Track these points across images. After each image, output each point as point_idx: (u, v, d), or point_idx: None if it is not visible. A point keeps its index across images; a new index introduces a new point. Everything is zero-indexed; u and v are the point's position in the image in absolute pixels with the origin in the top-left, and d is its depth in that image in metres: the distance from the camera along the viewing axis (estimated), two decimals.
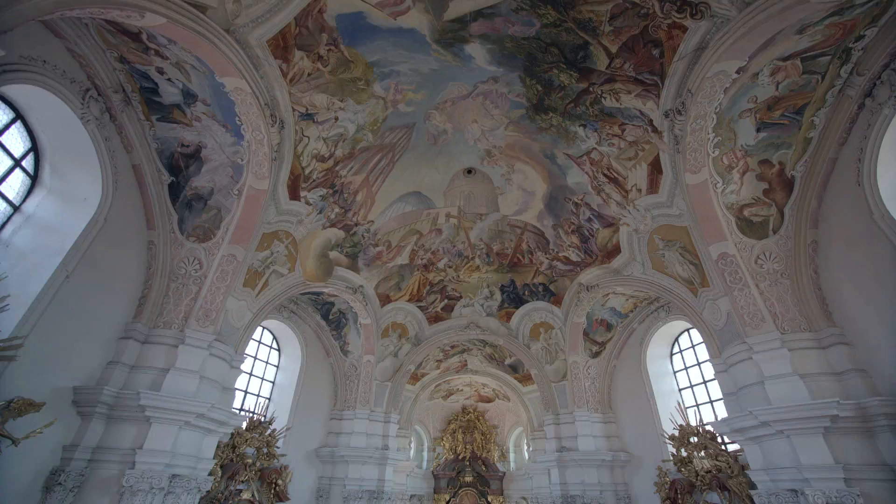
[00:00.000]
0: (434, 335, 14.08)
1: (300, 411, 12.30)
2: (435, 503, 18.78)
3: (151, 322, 7.84)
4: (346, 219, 10.51)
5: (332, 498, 11.81)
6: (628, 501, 11.51)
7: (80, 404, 6.71)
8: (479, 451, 19.64)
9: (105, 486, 6.49)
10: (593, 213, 10.26)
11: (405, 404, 15.26)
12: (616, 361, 13.14)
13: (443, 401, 20.01)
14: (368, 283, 12.38)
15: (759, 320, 7.59)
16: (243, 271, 8.81)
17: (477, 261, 12.77)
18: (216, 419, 7.82)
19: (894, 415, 6.12)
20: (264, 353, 12.74)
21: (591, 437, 12.14)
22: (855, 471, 6.09)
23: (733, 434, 7.67)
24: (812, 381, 6.84)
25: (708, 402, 10.97)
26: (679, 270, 9.21)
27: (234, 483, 9.49)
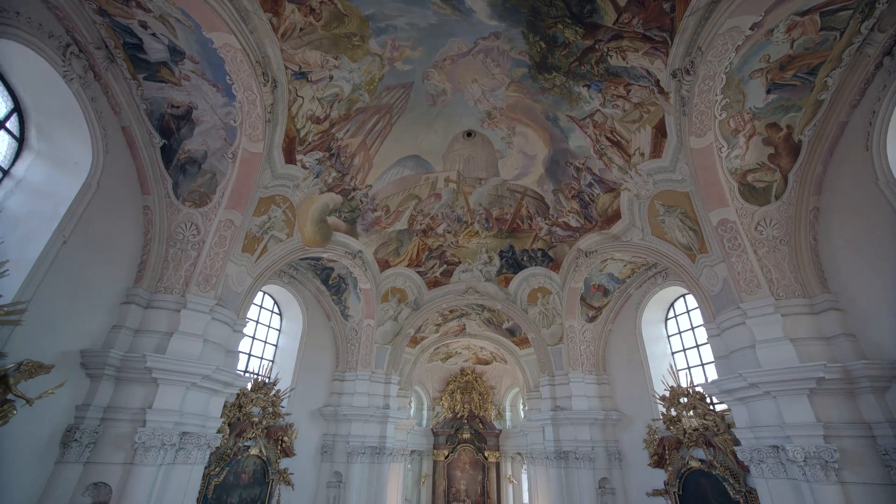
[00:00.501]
0: (433, 300, 14.26)
1: (303, 373, 12.66)
2: (434, 458, 19.77)
3: (152, 287, 7.90)
4: (343, 183, 10.36)
5: (336, 453, 12.39)
6: (618, 456, 12.11)
7: (89, 367, 6.89)
8: (476, 410, 20.45)
9: (119, 443, 6.80)
10: (594, 178, 10.10)
11: (405, 366, 15.70)
12: (611, 325, 13.40)
13: (442, 363, 20.60)
14: (367, 249, 12.38)
15: (754, 286, 7.66)
16: (241, 236, 8.79)
17: (476, 226, 12.72)
18: (222, 380, 8.06)
19: (877, 377, 6.34)
20: (266, 317, 12.94)
21: (584, 398, 12.59)
22: (834, 428, 6.38)
23: (722, 395, 7.95)
24: (802, 345, 7.01)
25: (699, 365, 11.29)
26: (678, 236, 9.19)
27: (242, 440, 9.94)
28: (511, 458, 19.78)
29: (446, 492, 19.11)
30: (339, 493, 11.91)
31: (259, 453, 10.39)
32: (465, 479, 19.41)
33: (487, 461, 19.46)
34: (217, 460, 9.26)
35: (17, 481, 5.87)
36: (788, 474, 6.73)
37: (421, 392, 21.37)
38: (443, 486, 19.16)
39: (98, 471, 6.59)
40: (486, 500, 18.81)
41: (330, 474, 12.16)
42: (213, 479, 9.18)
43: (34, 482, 6.10)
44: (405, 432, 16.94)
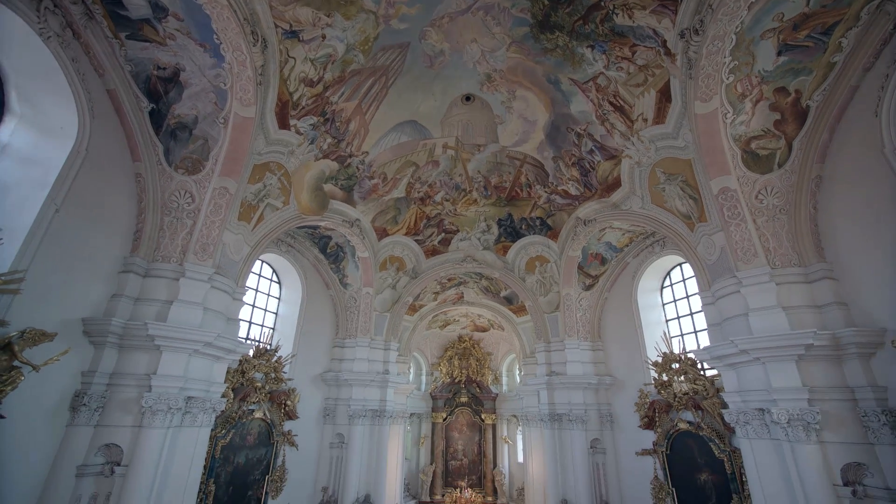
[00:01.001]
0: (431, 268, 14.33)
1: (304, 340, 12.89)
2: (433, 420, 20.53)
3: (149, 256, 7.88)
4: (339, 150, 10.13)
5: (337, 416, 12.82)
6: (610, 419, 12.58)
7: (91, 335, 6.97)
8: (473, 375, 21.05)
9: (126, 407, 7.00)
10: (595, 145, 9.90)
11: (404, 333, 15.98)
12: (608, 294, 13.55)
13: (440, 330, 20.98)
14: (365, 217, 12.29)
15: (751, 255, 7.68)
16: (237, 205, 8.68)
17: (474, 194, 12.59)
18: (223, 347, 8.20)
19: (864, 343, 6.50)
20: (265, 285, 13.01)
21: (579, 363, 12.91)
22: (819, 392, 6.61)
23: (713, 361, 8.15)
24: (794, 313, 7.12)
25: (692, 332, 11.52)
26: (678, 205, 9.13)
27: (247, 404, 10.24)
28: (507, 421, 20.55)
29: (444, 451, 19.98)
30: (342, 454, 12.42)
31: (263, 416, 10.74)
32: (462, 440, 20.25)
33: (484, 423, 20.22)
34: (223, 423, 9.58)
35: (33, 442, 6.12)
36: (772, 435, 7.02)
37: (420, 358, 21.89)
38: (441, 446, 20.00)
39: (108, 433, 6.83)
40: (483, 459, 19.71)
41: (332, 436, 12.63)
42: (220, 440, 9.52)
43: (48, 443, 6.34)
44: (405, 396, 17.48)
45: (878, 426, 6.23)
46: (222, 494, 9.52)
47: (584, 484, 11.76)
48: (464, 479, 19.36)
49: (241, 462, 10.13)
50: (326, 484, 12.09)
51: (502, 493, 19.01)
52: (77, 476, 6.46)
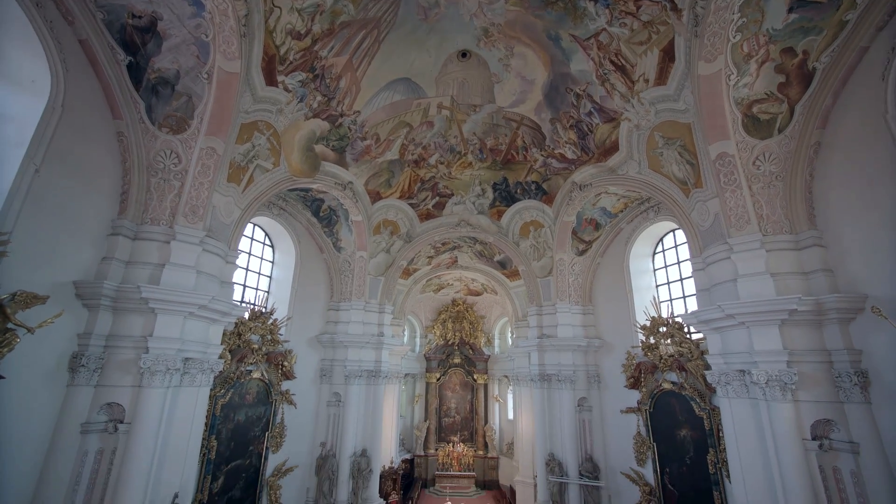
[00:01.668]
0: (425, 232, 14.28)
1: (299, 303, 12.99)
2: (427, 380, 21.24)
3: (138, 218, 7.72)
4: (329, 108, 9.76)
5: (334, 376, 13.17)
6: (597, 379, 13.06)
7: (84, 297, 6.95)
8: (467, 337, 21.59)
9: (125, 368, 7.11)
10: (594, 107, 9.63)
11: (398, 297, 16.16)
12: (600, 259, 13.68)
13: (434, 294, 21.25)
14: (358, 180, 12.07)
15: (744, 222, 7.71)
16: (226, 166, 8.44)
17: (469, 157, 12.34)
18: (219, 310, 8.24)
19: (846, 309, 6.70)
20: (258, 249, 12.93)
21: (569, 326, 13.23)
22: (797, 355, 6.87)
23: (700, 325, 8.37)
24: (781, 279, 7.26)
25: (681, 297, 11.76)
26: (675, 170, 9.04)
27: (244, 365, 10.45)
28: (498, 381, 21.32)
29: (438, 409, 20.83)
30: (339, 411, 12.87)
31: (261, 377, 11.01)
32: (455, 399, 21.06)
33: (476, 383, 20.98)
34: (221, 383, 9.81)
35: (35, 401, 6.26)
36: (750, 394, 7.35)
37: (414, 321, 22.30)
38: (435, 404, 20.82)
39: (109, 392, 6.98)
40: (475, 417, 20.61)
41: (329, 395, 13.03)
42: (220, 399, 9.79)
43: (50, 403, 6.49)
44: (399, 357, 17.95)
45: (849, 386, 6.55)
46: (224, 449, 9.92)
47: (571, 439, 12.39)
48: (456, 435, 20.32)
49: (241, 419, 10.47)
50: (325, 439, 12.61)
51: (493, 448, 20.04)
52: (82, 433, 6.67)
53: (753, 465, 7.14)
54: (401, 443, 19.57)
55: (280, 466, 11.41)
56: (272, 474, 11.20)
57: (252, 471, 10.69)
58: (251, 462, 10.70)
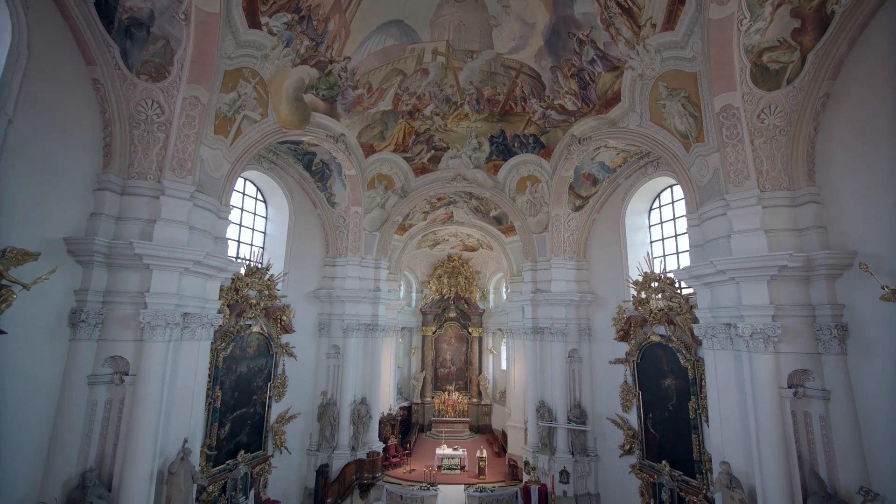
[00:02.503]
0: (420, 187, 14.06)
1: (294, 259, 13.01)
2: (423, 333, 21.85)
3: (124, 173, 7.49)
4: (318, 54, 9.21)
5: (332, 329, 13.48)
6: (588, 332, 13.49)
7: (76, 254, 6.89)
8: (462, 292, 21.98)
9: (125, 322, 7.21)
10: (597, 54, 9.15)
11: (394, 252, 16.21)
12: (596, 215, 13.65)
13: (429, 249, 21.33)
14: (350, 132, 11.66)
15: (743, 178, 7.63)
16: (211, 116, 8.09)
17: (466, 108, 11.88)
18: (214, 266, 8.23)
19: (834, 265, 6.82)
20: (250, 204, 12.73)
21: (563, 281, 13.45)
22: (783, 309, 7.07)
23: (691, 280, 8.52)
24: (774, 235, 7.31)
25: (674, 253, 11.87)
26: (677, 123, 8.78)
27: (243, 319, 10.62)
28: (492, 334, 21.99)
29: (434, 361, 21.64)
30: (338, 363, 13.32)
31: (261, 330, 11.24)
32: (450, 351, 21.82)
33: (471, 336, 21.65)
34: (222, 337, 10.02)
35: (40, 355, 6.40)
36: (734, 346, 7.64)
37: (410, 276, 22.55)
38: (431, 356, 21.59)
39: (111, 347, 7.13)
40: (469, 367, 21.48)
41: (329, 347, 13.41)
42: (221, 352, 10.05)
43: (54, 356, 6.64)
44: (396, 311, 18.33)
45: (828, 338, 6.82)
46: (229, 399, 10.33)
47: (561, 388, 13.00)
48: (451, 384, 21.26)
49: (243, 371, 10.83)
50: (325, 389, 13.14)
51: (486, 396, 21.06)
52: (89, 384, 6.88)
53: (731, 410, 7.57)
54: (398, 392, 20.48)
55: (283, 414, 11.98)
56: (276, 421, 11.77)
57: (257, 418, 11.22)
58: (255, 410, 11.20)
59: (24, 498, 6.12)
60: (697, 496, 9.44)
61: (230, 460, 10.21)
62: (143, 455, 6.84)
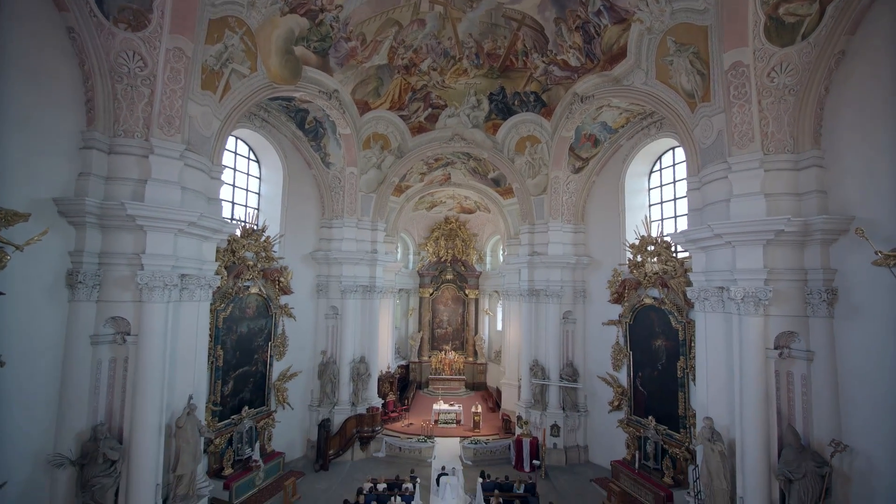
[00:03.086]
0: (417, 147, 13.71)
1: (290, 220, 12.90)
2: (420, 295, 22.13)
3: (109, 130, 7.21)
4: (308, 2, 8.65)
5: (330, 291, 13.61)
6: (583, 294, 13.69)
7: (68, 215, 6.78)
8: (459, 255, 22.05)
9: (123, 284, 7.21)
10: (604, 4, 8.64)
11: (391, 214, 16.08)
12: (596, 177, 13.46)
13: (427, 211, 21.15)
14: (344, 88, 11.19)
15: (747, 140, 7.46)
16: (197, 70, 7.70)
17: (465, 62, 11.36)
18: (209, 227, 8.15)
19: (830, 230, 6.83)
20: (243, 164, 12.43)
21: (560, 244, 13.49)
22: (776, 273, 7.14)
23: (687, 244, 8.54)
24: (773, 199, 7.26)
25: (672, 217, 11.83)
26: (683, 82, 8.47)
27: (241, 280, 10.67)
28: (489, 295, 22.31)
29: (431, 321, 22.06)
30: (337, 323, 13.55)
31: (259, 292, 11.33)
32: (447, 312, 22.21)
33: (468, 297, 21.96)
34: (221, 298, 10.11)
35: (40, 316, 6.47)
36: (725, 309, 7.79)
37: (407, 238, 22.51)
38: (428, 317, 21.99)
39: (111, 307, 7.18)
40: (465, 328, 21.95)
41: (327, 308, 13.59)
42: (221, 313, 10.18)
43: (55, 317, 6.69)
44: (393, 273, 18.45)
45: (817, 302, 6.95)
46: (231, 358, 10.59)
47: (554, 348, 13.37)
48: (448, 344, 21.81)
49: (243, 331, 11.02)
50: (325, 348, 13.46)
51: (482, 355, 21.69)
52: (92, 344, 6.99)
53: (718, 369, 7.84)
54: (396, 351, 21.03)
55: (285, 372, 12.33)
56: (278, 379, 12.14)
57: (259, 376, 11.56)
58: (257, 368, 11.51)
59: (41, 449, 6.40)
60: (680, 448, 9.99)
61: (235, 415, 10.62)
62: (150, 410, 7.08)
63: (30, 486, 6.22)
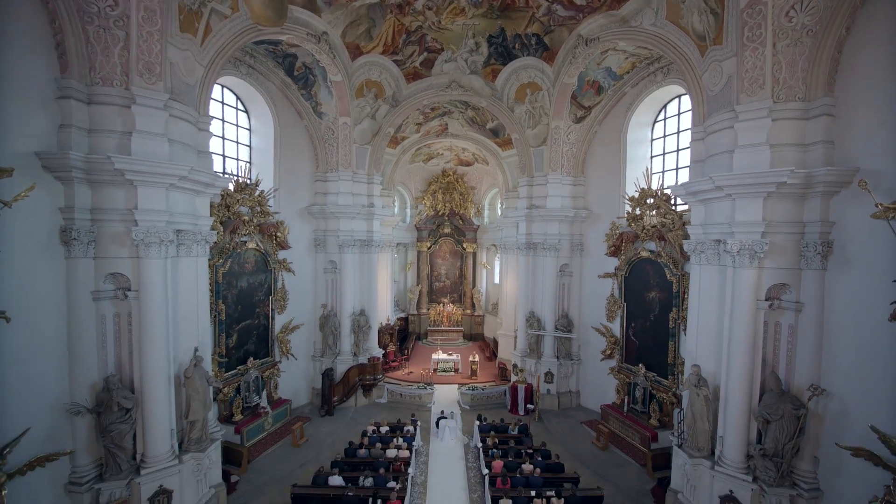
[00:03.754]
0: (413, 95, 13.13)
1: (284, 174, 12.61)
2: (418, 249, 22.21)
3: (86, 78, 6.81)
4: None
5: (328, 245, 13.61)
6: (580, 247, 13.76)
7: (52, 169, 6.56)
8: (457, 208, 21.89)
9: (119, 240, 7.15)
10: None
11: (387, 167, 15.72)
12: (598, 127, 13.05)
13: (423, 164, 20.70)
14: (333, 29, 10.49)
15: (757, 86, 7.14)
16: (174, 10, 7.17)
17: (462, 0, 10.57)
18: (200, 181, 7.95)
19: (833, 182, 6.72)
20: (232, 115, 11.92)
21: (559, 197, 13.35)
22: (773, 226, 7.13)
23: (687, 196, 8.44)
24: (778, 150, 7.08)
25: (673, 169, 11.61)
26: (695, 22, 7.96)
27: (238, 236, 10.61)
28: (486, 249, 22.42)
29: (429, 275, 22.33)
30: (336, 277, 13.69)
31: (256, 247, 11.32)
32: (445, 266, 22.42)
33: (465, 251, 22.07)
34: (219, 253, 10.11)
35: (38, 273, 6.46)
36: (721, 261, 7.85)
37: (404, 192, 22.21)
38: (426, 270, 22.22)
39: (109, 264, 7.16)
40: (463, 281, 22.27)
41: (325, 262, 13.66)
42: (220, 268, 10.22)
43: (53, 274, 6.69)
44: (391, 227, 18.39)
45: (812, 255, 7.00)
46: (233, 311, 10.78)
47: (550, 300, 13.65)
48: (446, 297, 22.24)
49: (244, 286, 11.13)
50: (325, 301, 13.70)
51: (479, 307, 22.18)
52: (94, 300, 7.05)
53: (709, 320, 8.05)
54: (395, 304, 21.45)
55: (287, 325, 12.63)
56: (280, 331, 12.46)
57: (262, 329, 11.84)
58: (260, 322, 11.77)
59: (57, 399, 6.66)
60: (667, 393, 10.52)
61: (241, 366, 11.01)
62: (158, 362, 7.30)
63: (53, 431, 6.57)
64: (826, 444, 6.76)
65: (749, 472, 7.15)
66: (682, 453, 8.06)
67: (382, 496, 8.08)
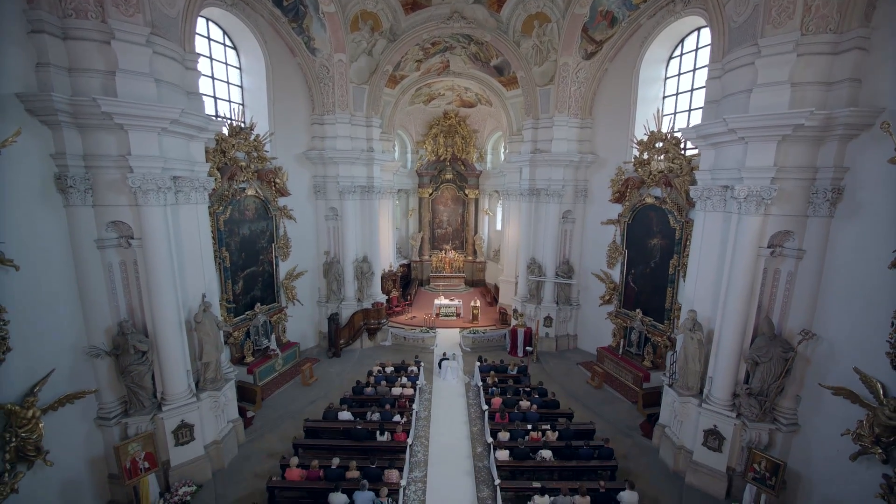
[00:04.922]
0: (412, 28, 12.25)
1: (279, 117, 12.13)
2: (420, 195, 21.92)
3: (57, 10, 6.29)
4: None
5: (328, 192, 13.43)
6: (584, 194, 13.54)
7: (36, 113, 6.27)
8: (459, 153, 21.28)
9: (116, 188, 7.03)
10: None
11: (386, 108, 15.07)
12: (609, 65, 12.28)
13: (424, 105, 19.81)
14: None
15: (786, 17, 6.59)
16: None
17: None
18: (193, 125, 7.67)
19: (854, 125, 6.38)
20: (220, 53, 11.21)
21: (564, 141, 12.91)
22: (784, 171, 6.91)
23: (698, 140, 8.12)
24: (799, 90, 6.70)
25: (686, 110, 11.07)
26: None
27: (236, 182, 10.43)
28: (489, 195, 22.12)
29: (431, 222, 22.25)
30: (338, 224, 13.66)
31: (256, 193, 11.17)
32: (447, 212, 22.26)
33: (467, 197, 21.79)
34: (218, 201, 10.00)
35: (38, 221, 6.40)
36: (726, 208, 7.73)
37: (404, 136, 21.50)
38: (428, 217, 22.10)
39: (109, 212, 7.10)
40: (465, 228, 22.23)
41: (326, 209, 13.56)
42: (220, 216, 10.17)
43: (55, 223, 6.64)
44: (391, 173, 18.03)
45: (820, 201, 6.84)
46: (237, 259, 10.89)
47: (552, 247, 13.70)
48: (448, 244, 22.33)
49: (245, 233, 11.15)
50: (328, 248, 13.80)
51: (481, 254, 22.34)
52: (98, 248, 7.08)
53: (709, 266, 8.09)
54: (398, 250, 21.62)
55: (291, 272, 12.82)
56: (285, 278, 12.68)
57: (266, 276, 12.04)
58: (264, 269, 11.94)
59: (75, 343, 6.93)
60: (662, 337, 10.87)
61: (249, 311, 11.34)
62: (167, 308, 7.49)
63: (76, 371, 6.90)
64: (810, 385, 7.07)
65: (734, 409, 7.57)
66: (672, 392, 8.50)
67: (389, 429, 8.67)
